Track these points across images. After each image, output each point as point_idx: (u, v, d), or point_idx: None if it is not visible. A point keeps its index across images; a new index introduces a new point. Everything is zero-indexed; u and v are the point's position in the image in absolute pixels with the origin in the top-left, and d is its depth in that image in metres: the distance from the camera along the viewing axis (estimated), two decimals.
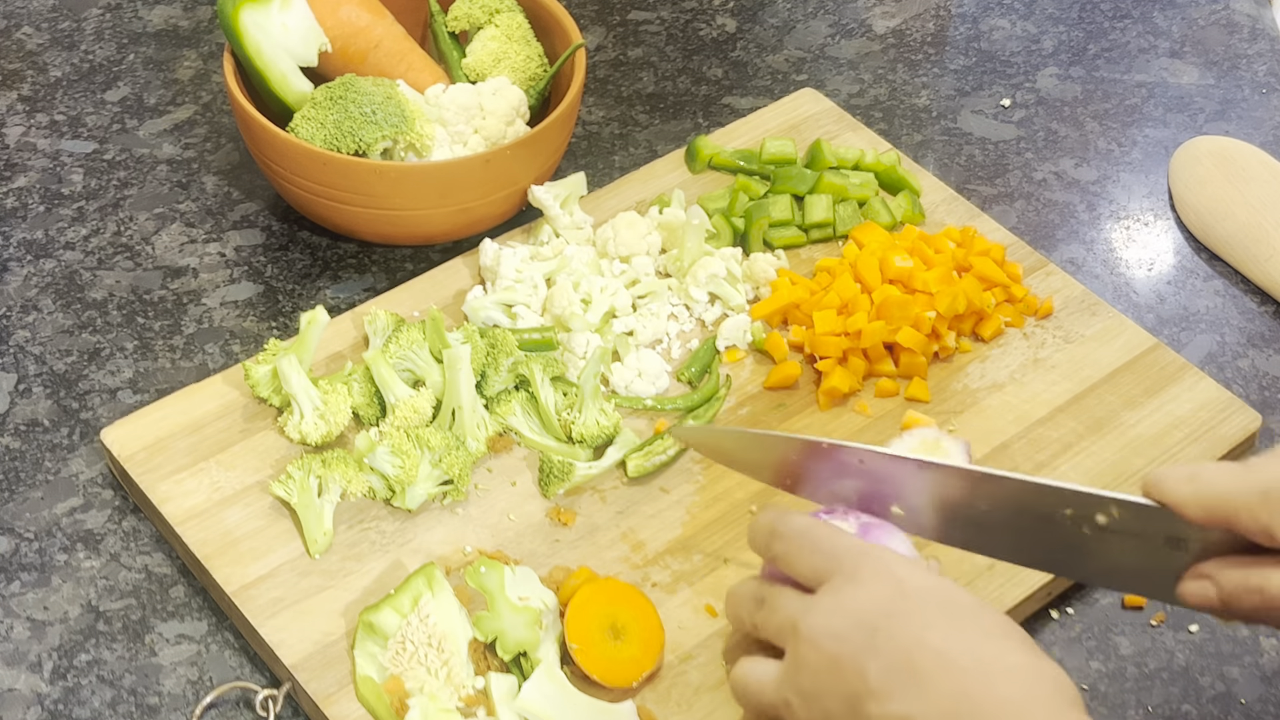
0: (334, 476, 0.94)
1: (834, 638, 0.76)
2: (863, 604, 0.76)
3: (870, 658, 0.74)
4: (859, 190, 1.17)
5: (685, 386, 1.05)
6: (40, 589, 0.95)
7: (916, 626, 0.75)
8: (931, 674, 0.73)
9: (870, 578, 0.77)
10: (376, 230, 1.11)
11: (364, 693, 0.87)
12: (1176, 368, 1.08)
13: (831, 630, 0.76)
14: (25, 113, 1.24)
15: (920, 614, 0.75)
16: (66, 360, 1.07)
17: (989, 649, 0.74)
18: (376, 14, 1.16)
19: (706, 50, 1.35)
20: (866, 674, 0.74)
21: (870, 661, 0.74)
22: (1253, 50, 1.39)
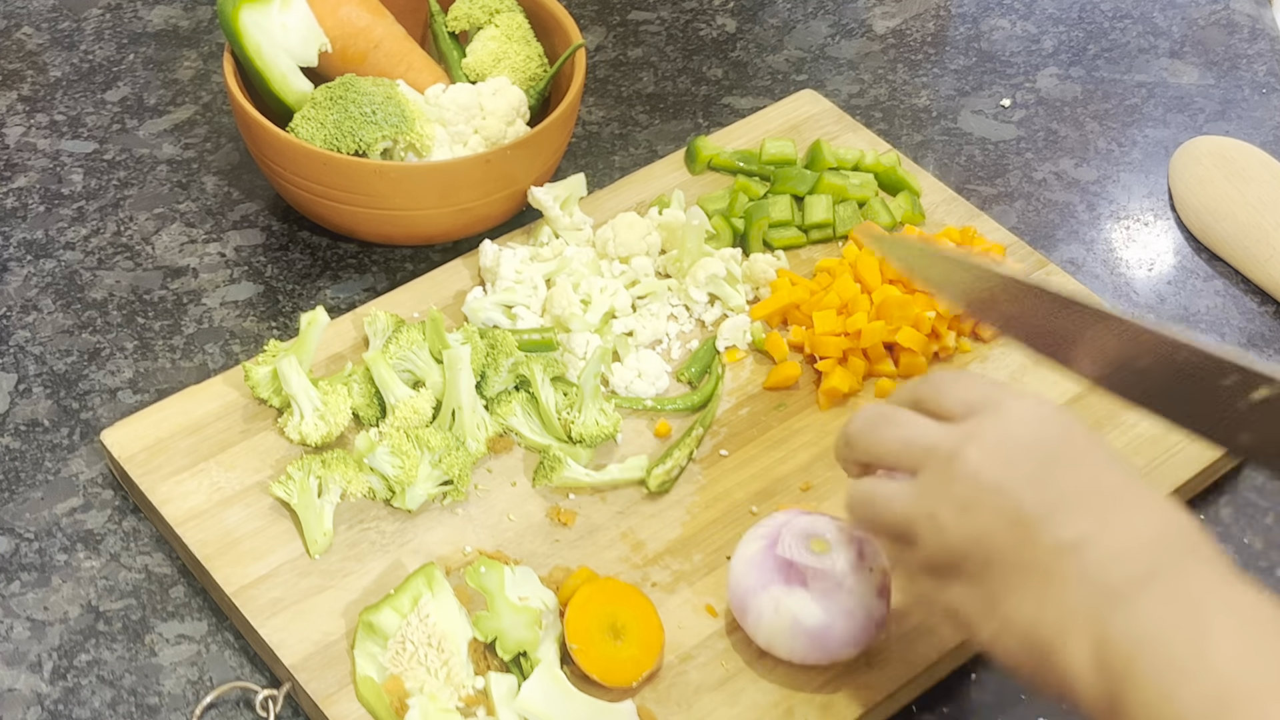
0: (334, 477, 0.94)
1: (1002, 464, 0.76)
2: (1030, 435, 0.77)
3: (1046, 484, 0.75)
4: (859, 191, 1.17)
5: (685, 386, 1.06)
6: (40, 589, 0.95)
7: (1088, 464, 0.77)
8: (1107, 507, 0.74)
9: (1030, 410, 0.79)
10: (376, 230, 1.11)
11: (364, 693, 0.88)
12: None
13: (998, 456, 0.77)
14: (25, 113, 1.24)
15: (1089, 452, 0.77)
16: (66, 360, 1.07)
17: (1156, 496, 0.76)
18: (376, 14, 1.16)
19: (706, 50, 1.35)
20: (1043, 497, 0.75)
21: (1047, 487, 0.75)
22: (1253, 50, 1.39)
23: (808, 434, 1.03)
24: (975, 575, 0.77)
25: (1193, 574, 0.72)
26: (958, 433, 0.79)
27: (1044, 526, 0.74)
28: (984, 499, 0.76)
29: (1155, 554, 0.72)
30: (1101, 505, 0.74)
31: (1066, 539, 0.73)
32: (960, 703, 0.93)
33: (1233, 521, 1.03)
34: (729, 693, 0.90)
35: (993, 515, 0.76)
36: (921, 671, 0.91)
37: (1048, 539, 0.74)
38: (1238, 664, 0.67)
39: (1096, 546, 0.73)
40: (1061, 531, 0.74)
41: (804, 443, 1.02)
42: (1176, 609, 0.70)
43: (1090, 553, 0.73)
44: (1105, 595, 0.72)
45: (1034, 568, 0.74)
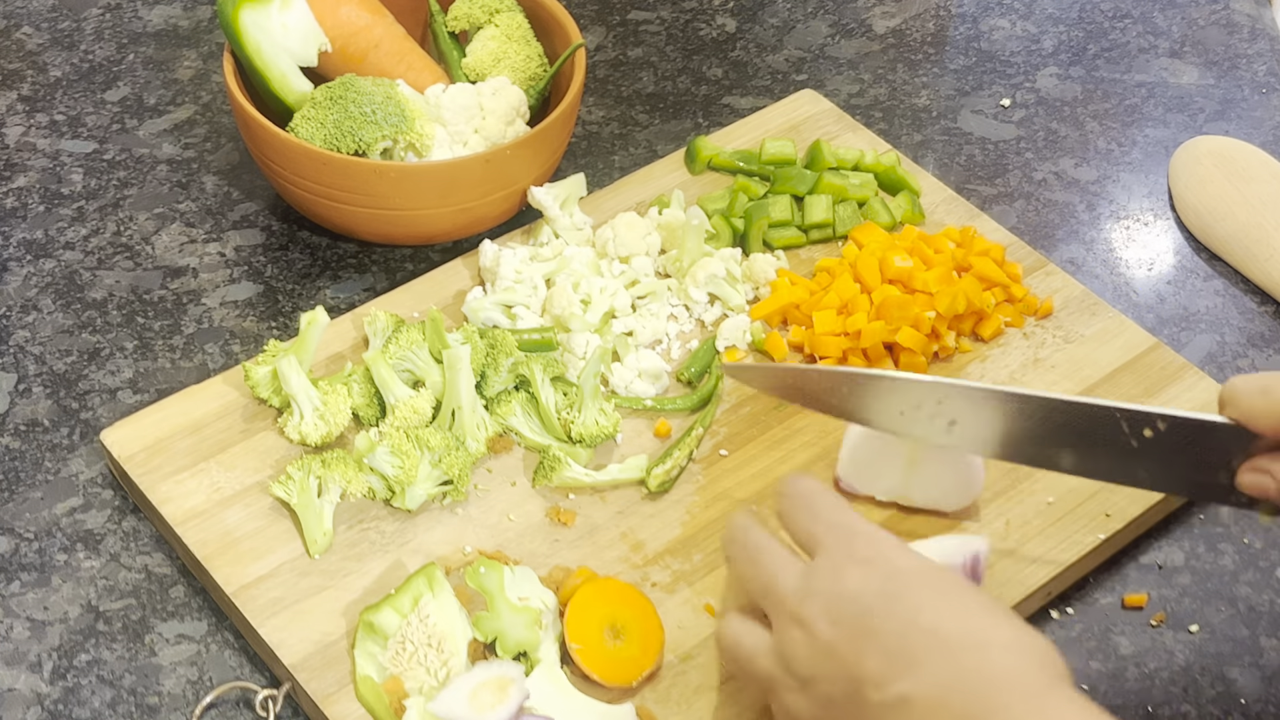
0: (334, 477, 0.94)
1: (830, 622, 0.78)
2: (856, 586, 0.79)
3: (866, 643, 0.77)
4: (859, 191, 1.17)
5: (685, 386, 1.06)
6: (40, 589, 0.95)
7: (909, 608, 0.77)
8: (926, 654, 0.75)
9: (861, 557, 0.80)
10: (376, 230, 1.11)
11: (364, 693, 0.88)
12: (1176, 368, 1.08)
13: (827, 615, 0.79)
14: (25, 113, 1.24)
15: (912, 595, 0.78)
16: (66, 360, 1.07)
17: (978, 624, 0.77)
18: (376, 14, 1.16)
19: (706, 50, 1.35)
20: (863, 660, 0.76)
21: (866, 647, 0.77)
22: (1253, 50, 1.39)
23: (808, 434, 1.03)
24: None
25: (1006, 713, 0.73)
26: (799, 590, 0.81)
27: (871, 685, 0.76)
28: (820, 667, 0.78)
29: (969, 699, 0.74)
30: (921, 651, 0.76)
31: (890, 696, 0.76)
32: None
33: (1232, 521, 1.03)
34: (729, 693, 0.90)
35: (829, 682, 0.78)
36: None
37: (874, 698, 0.76)
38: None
39: (917, 700, 0.75)
40: (886, 689, 0.76)
41: (804, 443, 1.02)
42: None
43: (913, 709, 0.75)
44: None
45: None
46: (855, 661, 0.77)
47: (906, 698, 0.75)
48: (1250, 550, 1.02)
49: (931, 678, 0.75)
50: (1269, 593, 0.99)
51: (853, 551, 0.81)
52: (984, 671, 0.75)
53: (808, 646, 0.79)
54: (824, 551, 0.82)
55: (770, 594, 0.82)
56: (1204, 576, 1.00)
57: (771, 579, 0.82)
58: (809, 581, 0.81)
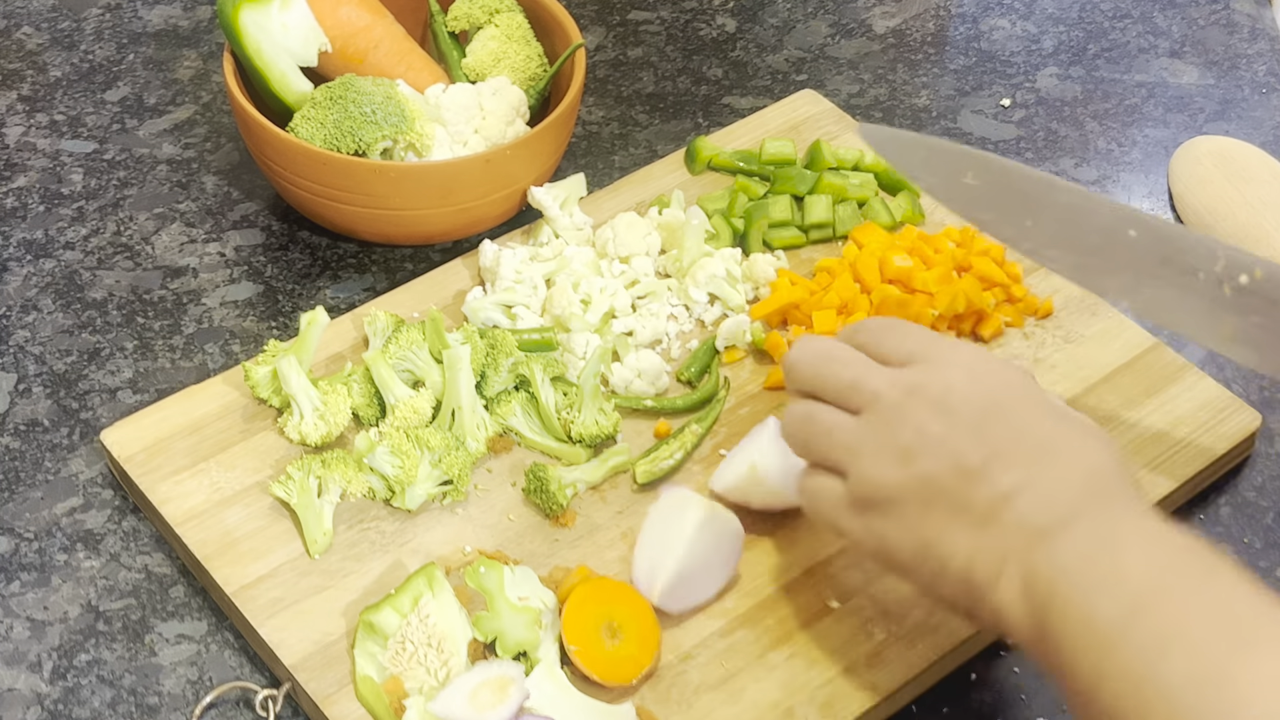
0: (334, 477, 0.94)
1: (945, 413, 0.81)
2: (969, 387, 0.82)
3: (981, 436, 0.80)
4: (859, 191, 1.17)
5: (685, 387, 1.06)
6: (40, 589, 0.95)
7: (1022, 414, 0.81)
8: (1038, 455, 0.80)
9: (972, 366, 0.83)
10: (376, 230, 1.11)
11: (364, 693, 0.88)
12: (1176, 368, 1.08)
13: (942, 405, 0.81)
14: (25, 113, 1.24)
15: (1025, 405, 0.82)
16: (66, 360, 1.07)
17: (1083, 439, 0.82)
18: (376, 14, 1.16)
19: (706, 50, 1.35)
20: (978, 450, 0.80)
21: (981, 441, 0.80)
22: (1253, 50, 1.39)
23: None
24: (911, 516, 0.81)
25: (1110, 512, 0.78)
26: (902, 382, 0.83)
27: (982, 476, 0.79)
28: (927, 448, 0.81)
29: (1078, 498, 0.78)
30: (1032, 455, 0.80)
31: (1002, 488, 0.79)
32: (960, 703, 0.93)
33: (1232, 521, 1.03)
34: (729, 693, 0.90)
35: (935, 463, 0.80)
36: (921, 671, 0.91)
37: (985, 488, 0.79)
38: (1147, 575, 0.73)
39: (1027, 495, 0.79)
40: (998, 481, 0.79)
41: None
42: (1094, 540, 0.76)
43: (1021, 501, 0.78)
44: (1033, 536, 0.78)
45: (971, 513, 0.79)
46: (966, 451, 0.80)
47: (1018, 489, 0.78)
48: (1250, 550, 1.02)
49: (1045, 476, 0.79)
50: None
51: (958, 357, 0.84)
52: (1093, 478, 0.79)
53: (914, 433, 0.81)
54: (927, 356, 0.84)
55: (862, 385, 0.84)
56: None
57: (862, 373, 0.84)
58: (911, 377, 0.83)
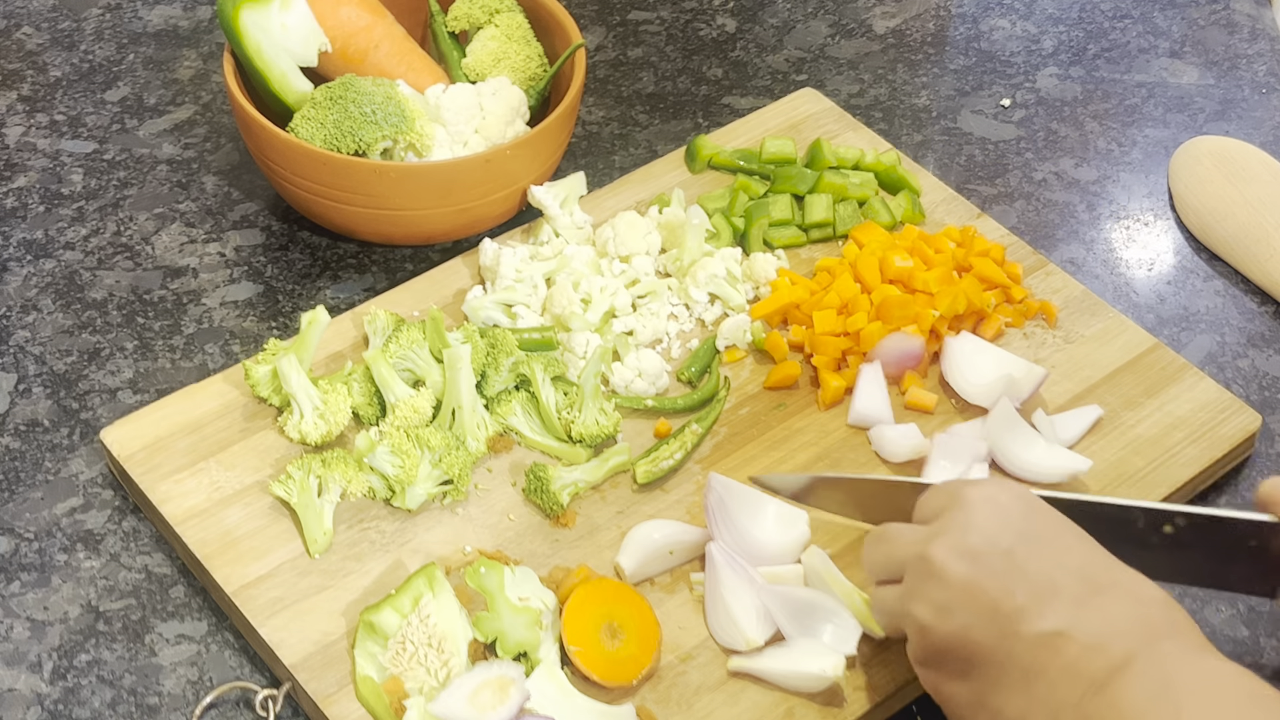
0: (334, 476, 0.94)
1: (969, 557, 0.79)
2: (996, 527, 0.80)
3: (1010, 580, 0.78)
4: (859, 190, 1.17)
5: (685, 386, 1.05)
6: (40, 589, 0.95)
7: (1057, 549, 0.79)
8: (1079, 595, 0.76)
9: (996, 502, 0.81)
10: (376, 230, 1.11)
11: (364, 693, 0.87)
12: (1176, 368, 1.08)
13: (961, 554, 0.79)
14: (25, 113, 1.24)
15: (1056, 538, 0.79)
16: (66, 360, 1.07)
17: (1124, 574, 0.78)
18: (376, 14, 1.16)
19: (706, 50, 1.35)
20: (1010, 595, 0.77)
21: (1011, 583, 0.77)
22: (1253, 50, 1.39)
23: (808, 434, 1.03)
24: (961, 671, 0.79)
25: (1165, 655, 0.74)
26: (925, 534, 0.82)
27: (1021, 619, 0.77)
28: (957, 597, 0.79)
29: (1129, 641, 0.75)
30: (1075, 592, 0.77)
31: (1045, 631, 0.76)
32: None
33: None
34: (729, 693, 0.90)
35: (968, 613, 0.78)
36: None
37: (1026, 632, 0.76)
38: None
39: (1075, 639, 0.76)
40: (1039, 624, 0.76)
41: (804, 443, 1.02)
42: (1150, 691, 0.73)
43: (1070, 646, 0.75)
44: (1087, 686, 0.74)
45: (1017, 662, 0.77)
46: (1003, 596, 0.77)
47: (1063, 633, 0.76)
48: None
49: (1090, 617, 0.75)
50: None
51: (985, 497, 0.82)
52: (1142, 617, 0.76)
53: (942, 581, 0.79)
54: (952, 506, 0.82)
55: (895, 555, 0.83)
56: None
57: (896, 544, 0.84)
58: (937, 528, 0.82)
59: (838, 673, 0.87)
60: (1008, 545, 0.79)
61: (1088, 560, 0.79)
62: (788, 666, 0.89)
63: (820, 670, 0.88)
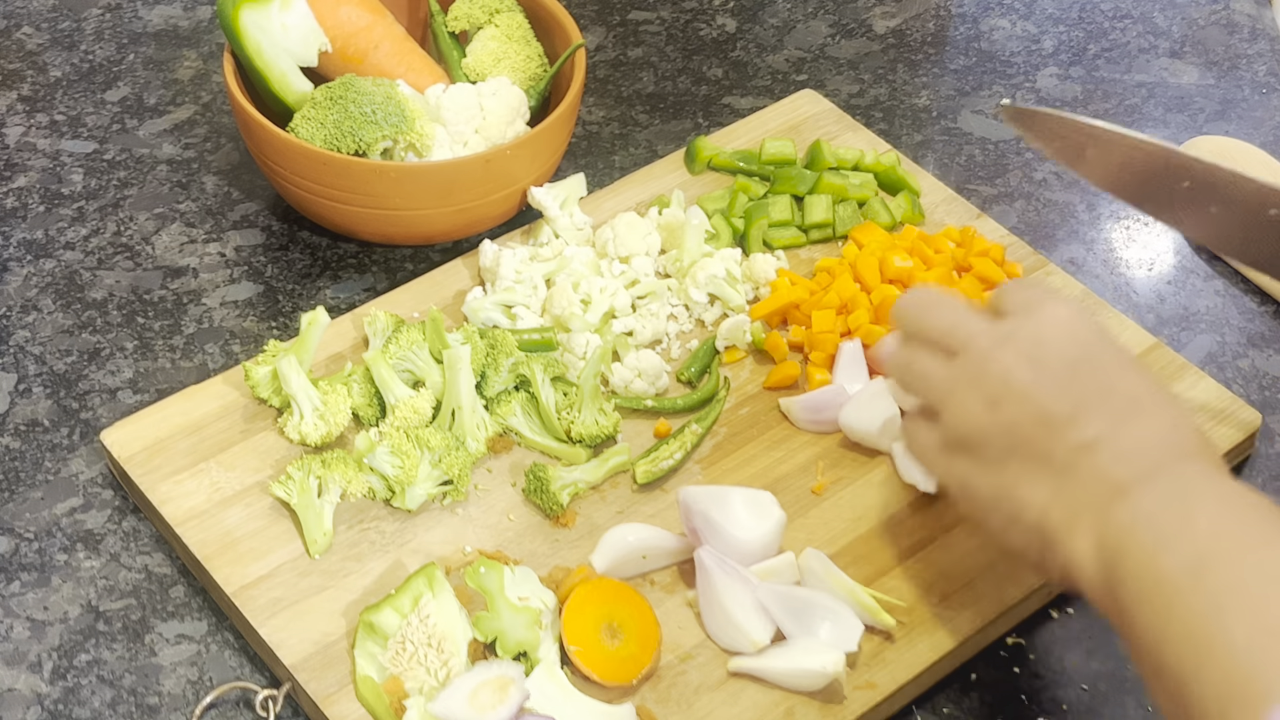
0: (334, 477, 0.94)
1: (1033, 364, 0.83)
2: (1060, 340, 0.83)
3: (1067, 390, 0.81)
4: (859, 191, 1.17)
5: (685, 386, 1.06)
6: (40, 589, 0.95)
7: (1111, 370, 0.83)
8: (1123, 411, 0.81)
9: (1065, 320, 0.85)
10: (376, 230, 1.11)
11: (364, 693, 0.88)
12: (1176, 368, 1.08)
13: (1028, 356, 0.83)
14: (25, 113, 1.24)
15: (1112, 361, 0.84)
16: (66, 360, 1.07)
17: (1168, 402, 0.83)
18: (376, 14, 1.16)
19: (706, 50, 1.35)
20: (1060, 402, 0.81)
21: (1067, 393, 0.81)
22: (1253, 50, 1.39)
23: (808, 434, 1.03)
24: (993, 461, 0.83)
25: (1186, 470, 0.78)
26: (996, 331, 0.85)
27: (1066, 426, 0.81)
28: (1013, 396, 0.82)
29: (1157, 456, 0.79)
30: (1117, 410, 0.81)
31: (1084, 439, 0.80)
32: (960, 703, 0.93)
33: None
34: (729, 693, 0.90)
35: (1019, 411, 0.82)
36: (922, 671, 0.91)
37: (1069, 437, 0.80)
38: (1215, 531, 0.74)
39: (1109, 448, 0.80)
40: (1081, 432, 0.80)
41: (804, 442, 1.02)
42: (1167, 496, 0.77)
43: (1103, 453, 0.80)
44: (1112, 490, 0.78)
45: (1052, 462, 0.81)
46: (1051, 402, 0.81)
47: (1100, 441, 0.79)
48: None
49: (1127, 431, 0.80)
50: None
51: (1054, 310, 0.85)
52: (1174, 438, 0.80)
53: (1001, 382, 0.82)
54: (1019, 310, 0.85)
55: (958, 331, 0.86)
56: None
57: (961, 318, 0.86)
58: (1006, 326, 0.85)
59: (838, 669, 0.87)
60: (1068, 360, 0.82)
61: (1139, 385, 0.82)
62: (788, 665, 0.89)
63: (820, 667, 0.88)
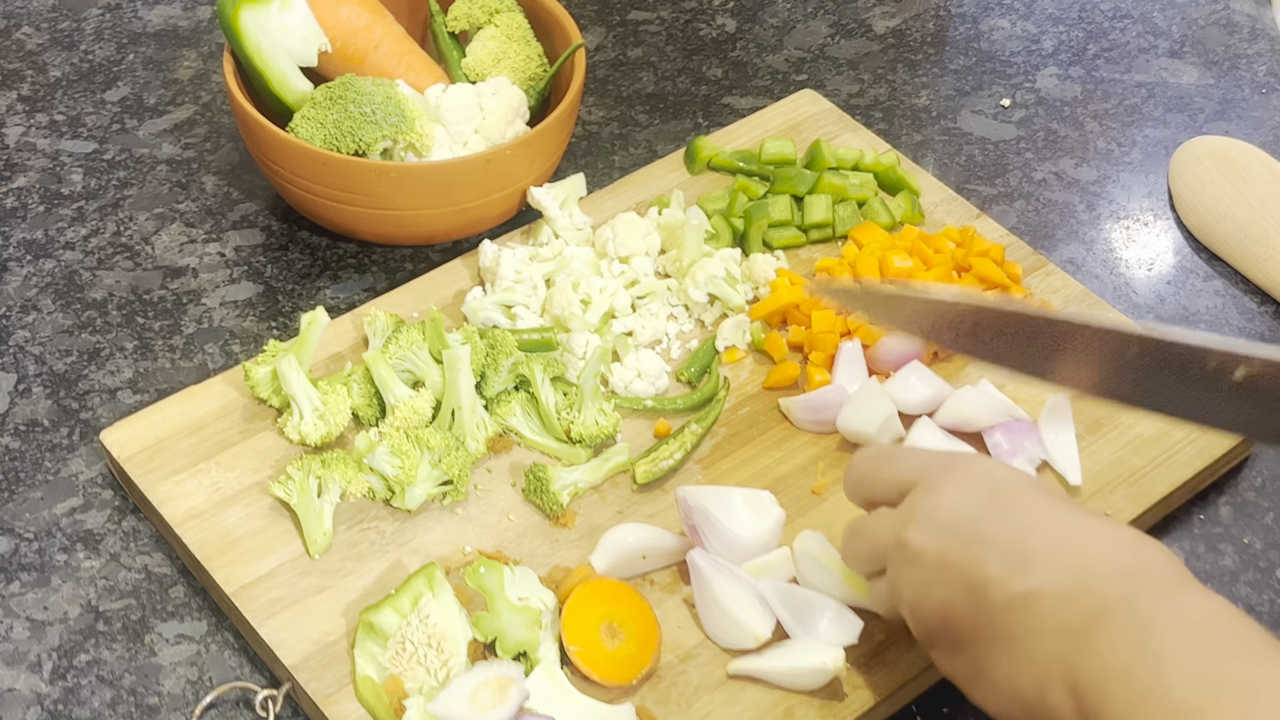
0: (334, 477, 0.94)
1: (936, 534, 0.78)
2: (960, 499, 0.79)
3: (981, 548, 0.77)
4: (858, 191, 1.17)
5: (685, 387, 1.06)
6: (40, 589, 0.95)
7: (1023, 513, 0.78)
8: (1050, 551, 0.75)
9: (959, 474, 0.81)
10: (376, 230, 1.11)
11: (364, 693, 0.88)
12: None
13: (932, 528, 0.79)
14: (25, 113, 1.24)
15: (1023, 502, 0.78)
16: (66, 360, 1.07)
17: (1097, 525, 0.77)
18: (376, 14, 1.16)
19: (706, 50, 1.35)
20: (982, 564, 0.76)
21: (982, 552, 0.77)
22: (1253, 50, 1.39)
23: (807, 434, 1.03)
24: (954, 645, 0.80)
25: (1141, 602, 0.73)
26: (897, 519, 0.82)
27: (993, 586, 0.76)
28: (933, 575, 0.79)
29: (1101, 587, 0.74)
30: (1042, 548, 0.76)
31: (1016, 593, 0.75)
32: (960, 703, 0.93)
33: (1232, 521, 1.03)
34: (729, 692, 0.90)
35: (945, 588, 0.78)
36: (921, 671, 0.91)
37: (999, 597, 0.76)
38: (1190, 687, 0.69)
39: (1046, 593, 0.75)
40: (1011, 587, 0.76)
41: (804, 442, 1.02)
42: (1131, 643, 0.72)
43: (1041, 601, 0.75)
44: (1067, 641, 0.73)
45: (997, 628, 0.76)
46: (972, 565, 0.77)
47: (1034, 592, 0.75)
48: (1250, 550, 1.02)
49: (1060, 572, 0.75)
50: (1269, 593, 0.99)
51: (946, 471, 0.81)
52: (1114, 564, 0.75)
53: (916, 562, 0.79)
54: (920, 481, 0.82)
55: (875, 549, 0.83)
56: (1204, 577, 1.00)
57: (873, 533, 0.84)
58: (909, 506, 0.81)
59: (838, 665, 0.87)
60: (974, 513, 0.79)
61: (1056, 516, 0.78)
62: (788, 664, 0.89)
63: (821, 664, 0.88)
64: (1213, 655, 0.71)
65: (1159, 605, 0.73)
